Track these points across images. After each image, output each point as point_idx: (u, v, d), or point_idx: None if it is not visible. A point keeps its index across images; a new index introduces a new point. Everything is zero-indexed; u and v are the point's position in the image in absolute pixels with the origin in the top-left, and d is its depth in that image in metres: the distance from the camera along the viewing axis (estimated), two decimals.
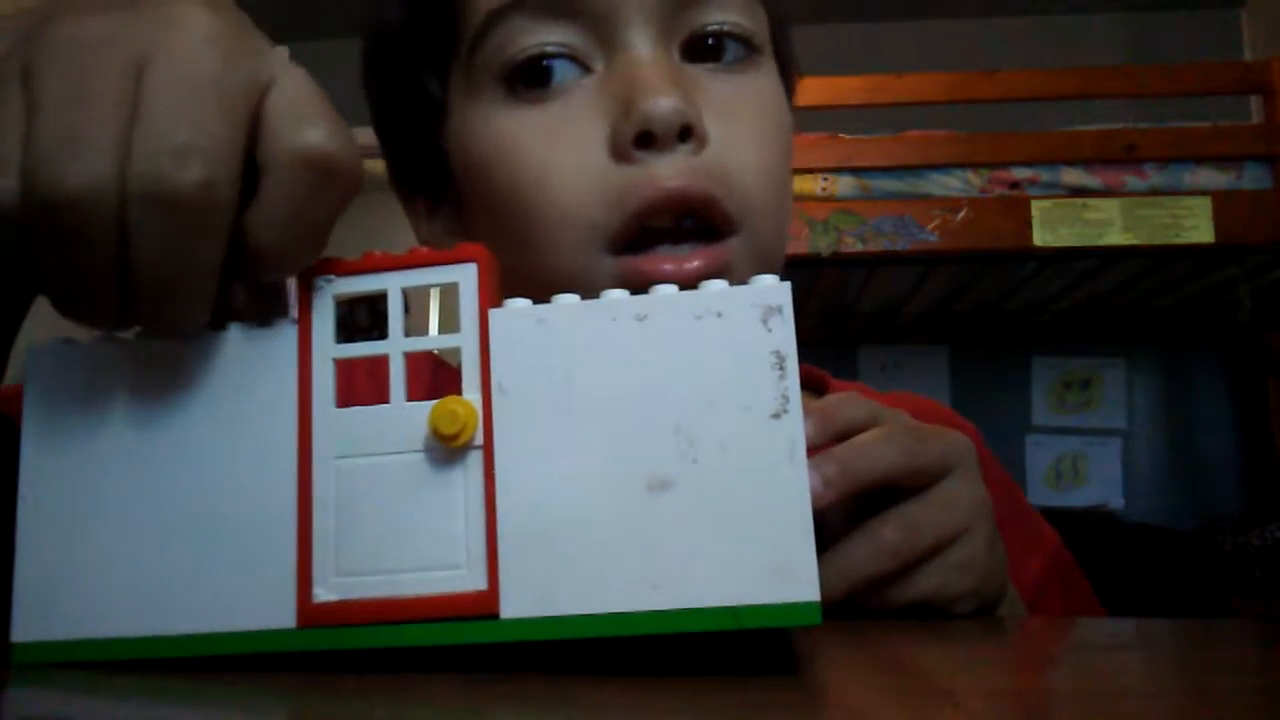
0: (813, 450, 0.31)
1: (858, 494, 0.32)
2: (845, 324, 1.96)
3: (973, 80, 1.54)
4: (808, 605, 0.19)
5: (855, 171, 1.44)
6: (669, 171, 0.37)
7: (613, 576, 0.19)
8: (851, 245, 1.41)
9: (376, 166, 0.55)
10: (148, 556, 0.21)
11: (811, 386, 0.53)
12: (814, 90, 1.50)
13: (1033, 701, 0.19)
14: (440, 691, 0.19)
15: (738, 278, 0.42)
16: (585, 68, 0.40)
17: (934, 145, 1.45)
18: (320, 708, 0.18)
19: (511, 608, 0.20)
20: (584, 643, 0.19)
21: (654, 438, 0.20)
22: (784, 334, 0.20)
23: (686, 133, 0.37)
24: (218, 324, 0.22)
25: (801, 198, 1.46)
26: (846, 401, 0.34)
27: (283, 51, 0.23)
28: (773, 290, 0.20)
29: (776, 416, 0.20)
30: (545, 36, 0.39)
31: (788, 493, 0.19)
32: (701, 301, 0.20)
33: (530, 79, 0.40)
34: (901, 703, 0.18)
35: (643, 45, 0.39)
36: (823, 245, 1.42)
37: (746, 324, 0.20)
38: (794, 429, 0.19)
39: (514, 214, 0.40)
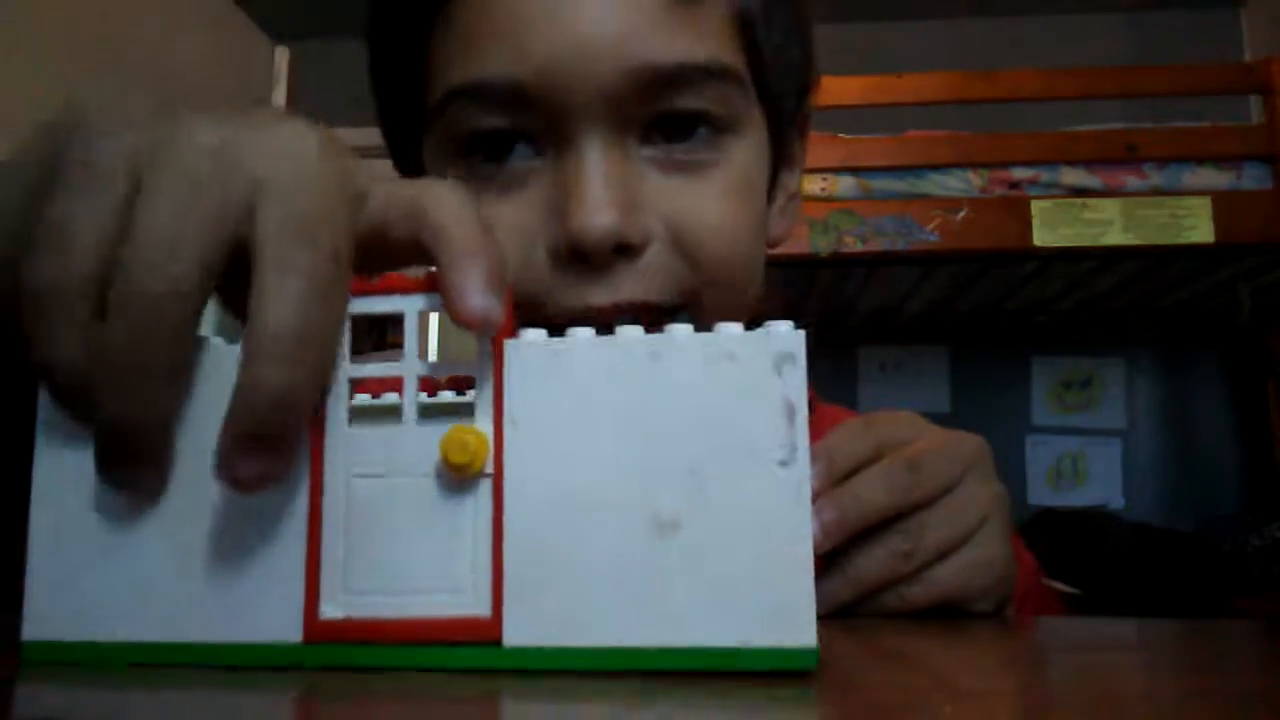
0: (816, 495, 0.31)
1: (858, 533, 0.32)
2: (845, 324, 1.96)
3: (973, 80, 1.54)
4: (805, 650, 0.19)
5: (855, 171, 1.44)
6: (597, 293, 0.38)
7: (615, 611, 0.20)
8: (851, 245, 1.41)
9: (379, 169, 0.56)
10: (159, 563, 0.21)
11: None
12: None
13: (1032, 701, 0.19)
14: (446, 680, 0.19)
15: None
16: (539, 151, 0.40)
17: (934, 145, 1.45)
18: (329, 708, 0.18)
19: (514, 636, 0.20)
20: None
21: (662, 476, 0.20)
22: (795, 382, 0.20)
23: (622, 248, 0.38)
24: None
25: (802, 198, 1.46)
26: (849, 438, 0.33)
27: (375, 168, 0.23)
28: (787, 338, 0.20)
29: (784, 464, 0.20)
30: (498, 121, 0.40)
31: (791, 540, 0.20)
32: (715, 344, 0.20)
33: (487, 152, 0.40)
34: (900, 701, 0.18)
35: (591, 145, 0.38)
36: (823, 245, 1.42)
37: (759, 369, 0.20)
38: (800, 477, 0.20)
39: None
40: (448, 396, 0.23)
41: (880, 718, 0.17)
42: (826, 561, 0.32)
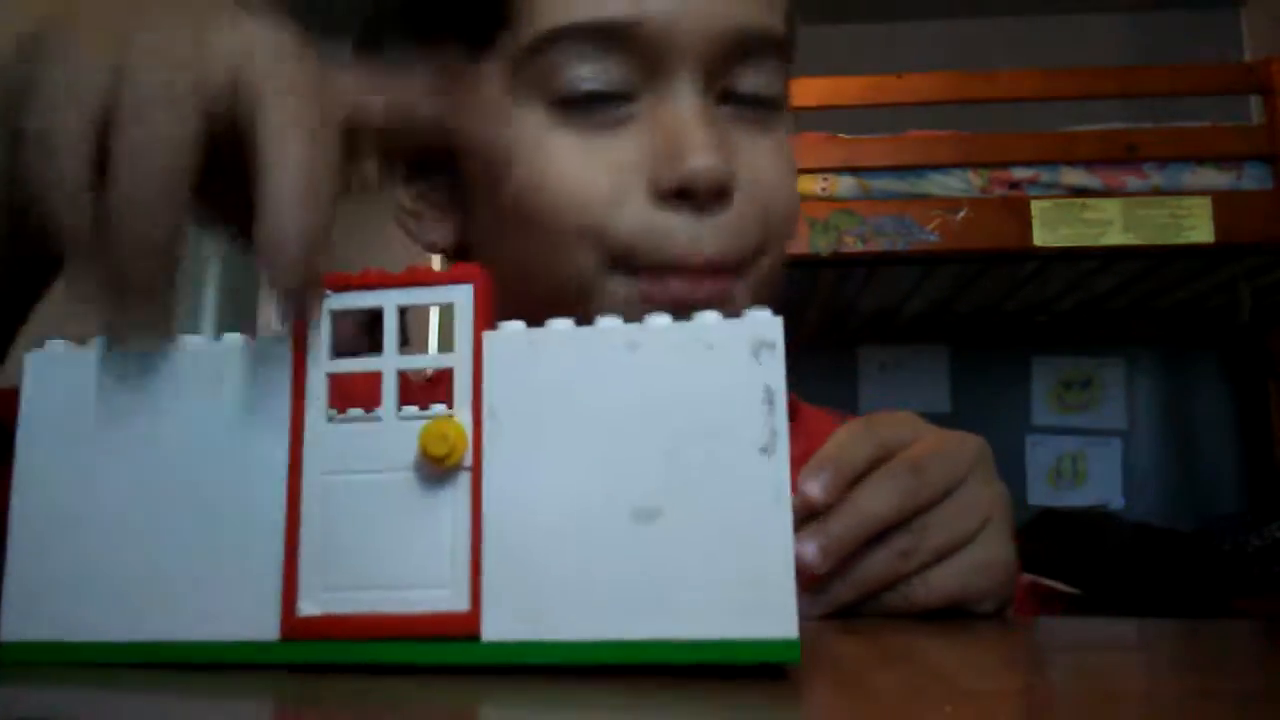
0: (826, 506, 0.31)
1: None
2: (845, 324, 1.96)
3: (973, 80, 1.54)
4: (787, 642, 0.19)
5: (855, 171, 1.44)
6: (706, 237, 0.40)
7: (594, 604, 0.19)
8: (851, 245, 1.41)
9: None
10: (137, 562, 0.21)
11: None
12: (814, 90, 1.50)
13: (1031, 701, 0.19)
14: (427, 682, 0.19)
15: (742, 306, 0.44)
16: (632, 98, 0.41)
17: (934, 145, 1.45)
18: (314, 704, 0.18)
19: (493, 630, 0.20)
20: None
21: (642, 467, 0.20)
22: (774, 369, 0.20)
23: (723, 192, 0.40)
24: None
25: (801, 198, 1.45)
26: (853, 443, 0.33)
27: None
28: (765, 324, 0.20)
29: (764, 451, 0.20)
30: (598, 67, 0.41)
31: (771, 529, 0.19)
32: (693, 332, 0.20)
33: (585, 100, 0.41)
34: (901, 701, 0.18)
35: (689, 94, 0.41)
36: (823, 245, 1.42)
37: (737, 357, 0.20)
38: (780, 465, 0.20)
39: (535, 225, 0.41)
40: (440, 409, 0.23)
41: (881, 717, 0.17)
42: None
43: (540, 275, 0.41)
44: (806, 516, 0.32)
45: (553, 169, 0.41)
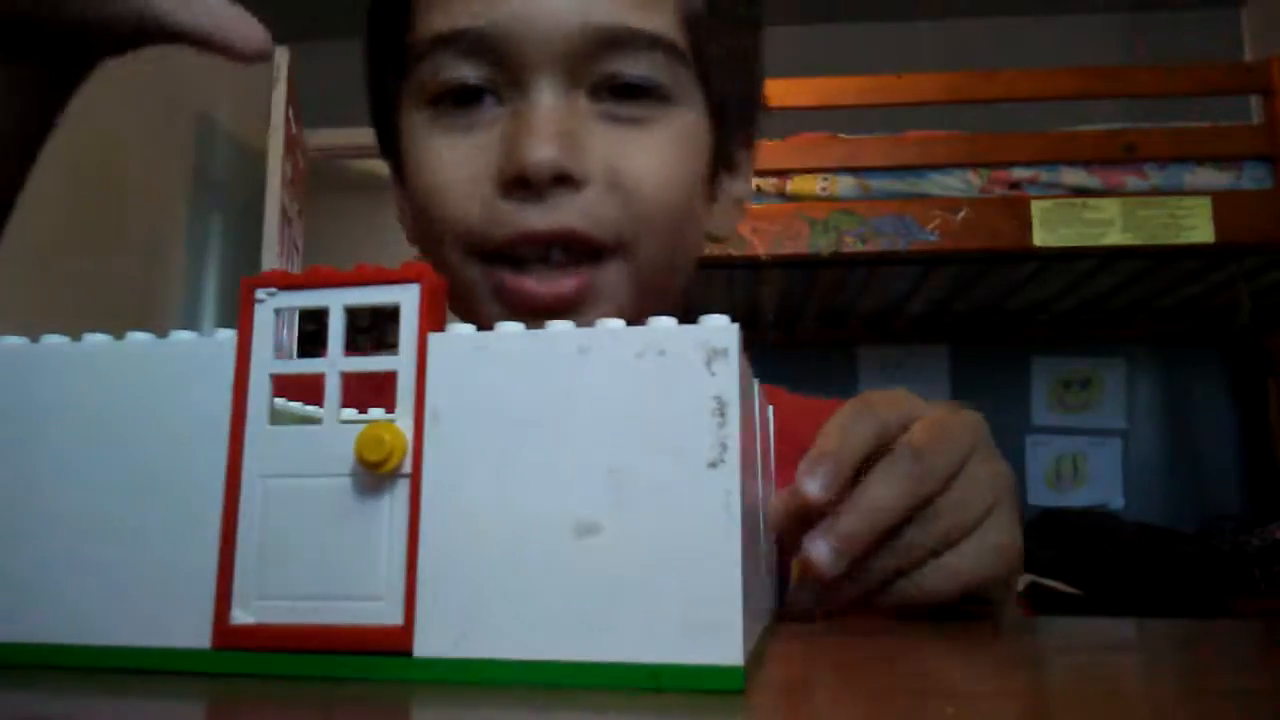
0: (830, 503, 0.30)
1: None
2: (845, 324, 1.96)
3: (973, 80, 1.54)
4: (731, 670, 0.18)
5: (855, 171, 1.45)
6: (535, 217, 0.43)
7: (531, 623, 0.18)
8: (851, 245, 1.42)
9: (379, 168, 0.57)
10: (75, 564, 0.21)
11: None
12: (814, 90, 1.51)
13: (1031, 701, 0.19)
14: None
15: (615, 299, 0.44)
16: (501, 99, 0.45)
17: (934, 145, 1.45)
18: (298, 701, 0.18)
19: (425, 646, 0.19)
20: None
21: (586, 478, 0.19)
22: (727, 378, 0.19)
23: (562, 178, 0.42)
24: None
25: (802, 198, 1.46)
26: (851, 431, 0.32)
27: None
28: (719, 332, 0.19)
29: (713, 466, 0.18)
30: (467, 72, 0.45)
31: (718, 547, 0.18)
32: (645, 338, 0.19)
33: (454, 100, 0.45)
34: (901, 701, 0.18)
35: (545, 91, 0.44)
36: (823, 245, 1.42)
37: (689, 365, 0.19)
38: (730, 479, 0.18)
39: (420, 215, 0.47)
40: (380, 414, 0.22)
41: (881, 718, 0.17)
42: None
43: (439, 270, 0.43)
44: (805, 515, 0.31)
45: (425, 166, 0.45)
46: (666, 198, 0.45)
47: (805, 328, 1.95)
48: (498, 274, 0.44)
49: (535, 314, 0.43)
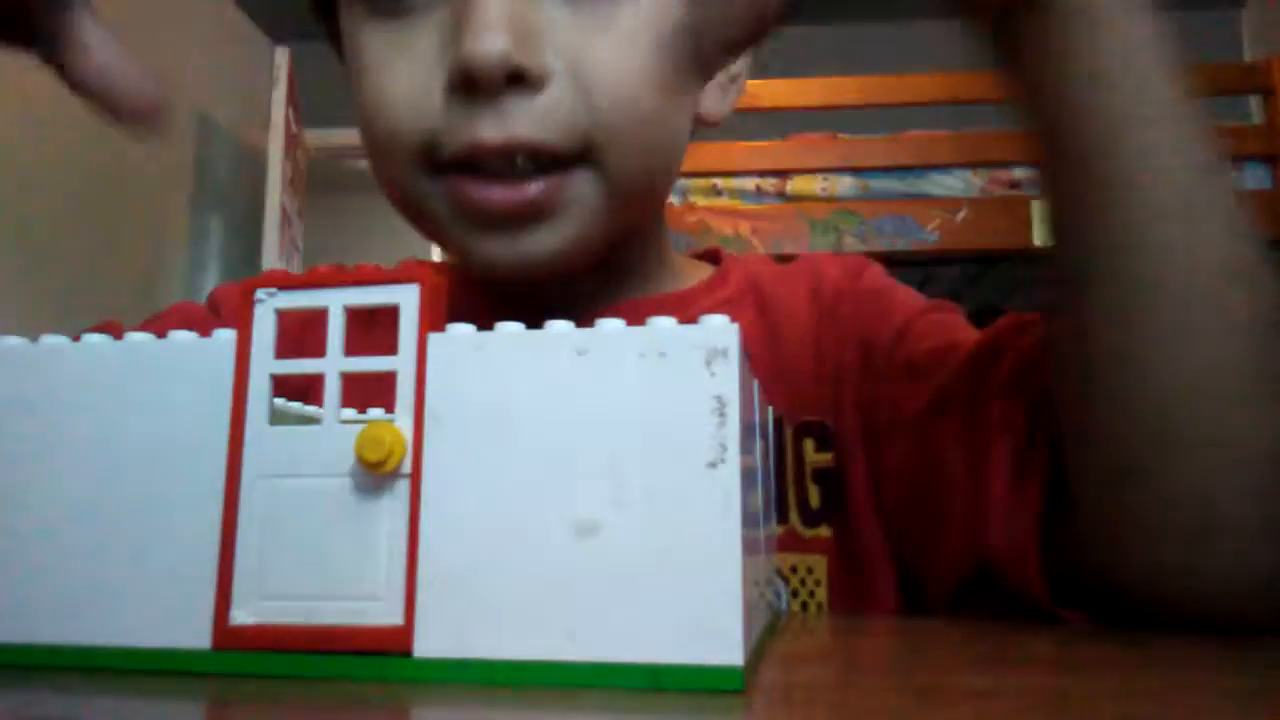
0: None
1: None
2: None
3: (973, 80, 1.54)
4: (730, 670, 0.18)
5: (855, 171, 1.45)
6: (489, 125, 0.36)
7: (531, 622, 0.19)
8: (851, 245, 1.42)
9: None
10: (74, 564, 0.21)
11: (708, 258, 0.51)
12: (814, 90, 1.51)
13: (1030, 701, 0.19)
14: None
15: (586, 208, 0.39)
16: None
17: (934, 145, 1.45)
18: (298, 702, 0.18)
19: (425, 646, 0.19)
20: None
21: (585, 479, 0.19)
22: (727, 379, 0.19)
23: (517, 77, 0.36)
24: None
25: (802, 198, 1.46)
26: None
27: None
28: (719, 332, 0.19)
29: (713, 466, 0.19)
30: None
31: (718, 548, 0.18)
32: (645, 339, 0.19)
33: None
34: (898, 701, 0.18)
35: None
36: (823, 245, 1.42)
37: (689, 366, 0.19)
38: (730, 481, 0.18)
39: (363, 128, 0.40)
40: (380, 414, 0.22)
41: (882, 718, 0.17)
42: None
43: (384, 186, 0.39)
44: None
45: (364, 70, 0.39)
46: (633, 95, 0.38)
47: None
48: (454, 184, 0.38)
49: (493, 225, 0.38)
